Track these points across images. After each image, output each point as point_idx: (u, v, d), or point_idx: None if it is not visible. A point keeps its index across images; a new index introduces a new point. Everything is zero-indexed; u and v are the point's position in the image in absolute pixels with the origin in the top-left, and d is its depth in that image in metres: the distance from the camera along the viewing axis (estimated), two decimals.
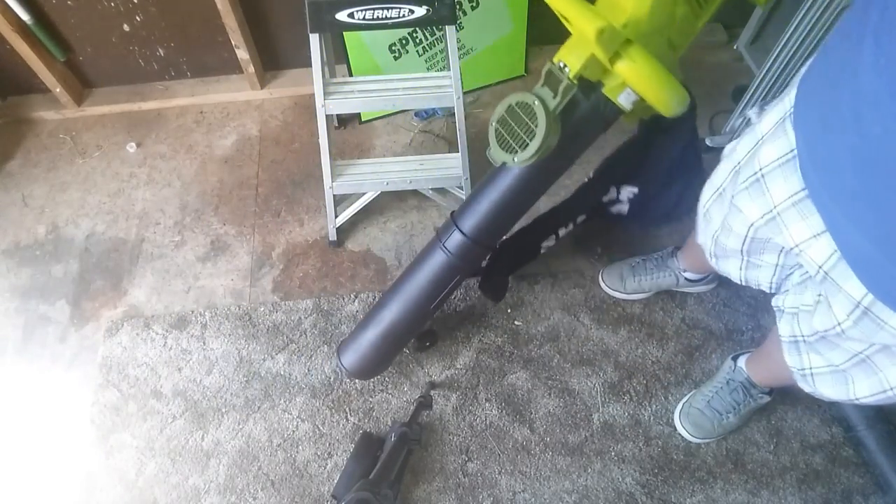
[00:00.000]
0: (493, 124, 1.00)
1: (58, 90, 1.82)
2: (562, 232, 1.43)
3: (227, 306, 1.54)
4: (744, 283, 1.06)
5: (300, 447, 1.35)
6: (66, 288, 1.60)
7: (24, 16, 1.59)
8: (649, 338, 1.48)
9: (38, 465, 1.35)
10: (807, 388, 0.98)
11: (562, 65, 0.92)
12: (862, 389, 0.86)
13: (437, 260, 1.20)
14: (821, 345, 0.89)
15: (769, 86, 1.53)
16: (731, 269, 1.05)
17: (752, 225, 0.89)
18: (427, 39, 1.75)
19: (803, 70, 0.83)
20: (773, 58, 1.49)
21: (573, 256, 1.61)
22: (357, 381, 1.41)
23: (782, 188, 0.80)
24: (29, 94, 1.91)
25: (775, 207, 0.82)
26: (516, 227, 1.38)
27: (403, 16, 1.26)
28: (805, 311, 0.91)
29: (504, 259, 1.41)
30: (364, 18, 1.26)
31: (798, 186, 0.77)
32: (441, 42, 1.76)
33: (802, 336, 0.93)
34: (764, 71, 1.52)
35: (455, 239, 1.17)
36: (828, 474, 1.32)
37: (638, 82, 0.88)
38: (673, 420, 1.37)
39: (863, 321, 0.75)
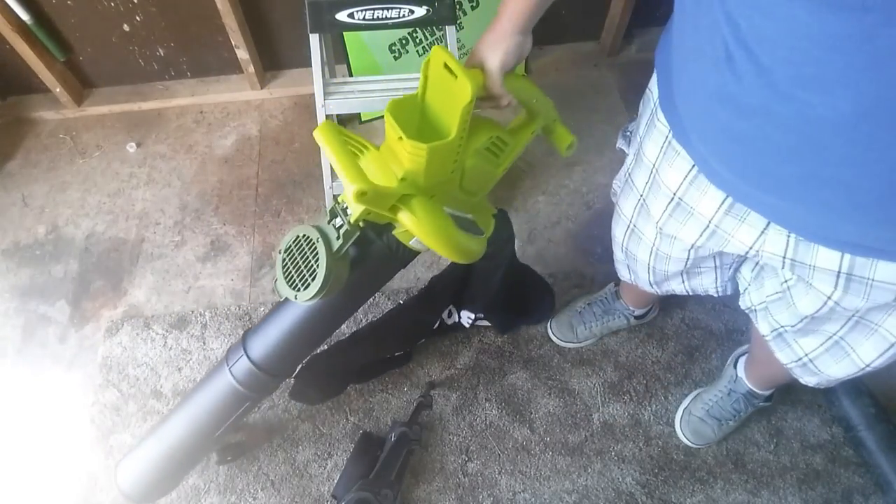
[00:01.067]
0: (281, 253, 0.92)
1: (58, 90, 1.82)
2: (398, 354, 1.38)
3: (227, 306, 1.54)
4: (690, 294, 1.05)
5: (300, 447, 1.35)
6: (66, 288, 1.60)
7: (24, 16, 1.59)
8: (649, 338, 1.48)
9: (38, 465, 1.35)
10: (812, 380, 0.95)
11: (344, 206, 0.85)
12: (867, 353, 0.82)
13: (223, 384, 1.06)
14: (812, 324, 0.86)
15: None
16: (675, 287, 1.05)
17: (692, 246, 0.87)
18: (427, 39, 1.75)
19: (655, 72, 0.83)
20: None
21: (573, 256, 1.61)
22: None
23: (706, 203, 0.78)
24: (29, 94, 1.91)
25: (710, 222, 0.80)
26: (345, 350, 1.30)
27: (403, 16, 1.26)
28: (774, 301, 0.90)
29: (333, 382, 1.34)
30: (364, 18, 1.26)
31: (721, 195, 0.76)
32: (441, 42, 1.76)
33: (783, 326, 0.91)
34: None
35: (242, 365, 1.03)
36: (828, 474, 1.32)
37: (420, 235, 0.84)
38: (673, 424, 1.37)
39: (851, 286, 0.72)
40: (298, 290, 0.87)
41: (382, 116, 0.83)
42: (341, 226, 0.85)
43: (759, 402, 1.31)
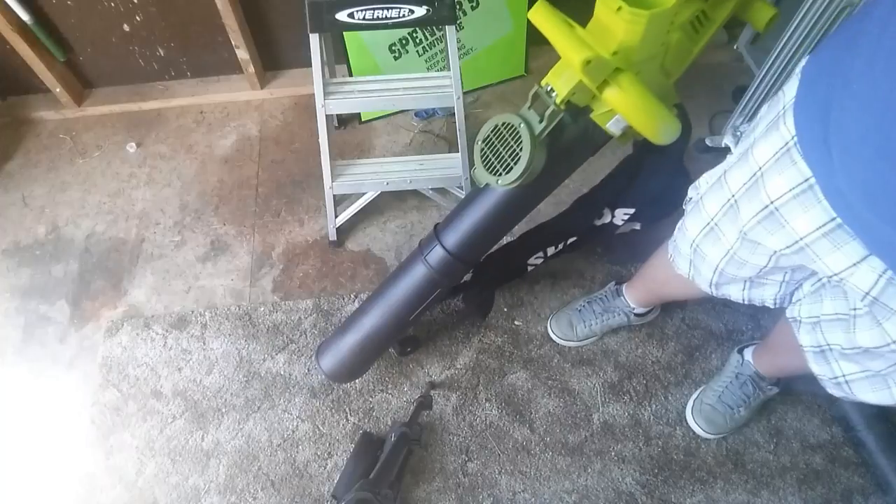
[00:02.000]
0: (479, 143, 0.97)
1: (58, 90, 1.82)
2: (550, 251, 1.40)
3: (227, 306, 1.54)
4: (745, 302, 1.04)
5: (300, 447, 1.35)
6: (66, 288, 1.60)
7: (24, 16, 1.59)
8: (649, 338, 1.48)
9: (38, 465, 1.35)
10: (840, 394, 0.95)
11: (549, 88, 0.88)
12: None
13: (419, 272, 1.18)
14: (861, 356, 0.85)
15: (769, 86, 1.53)
16: (733, 293, 1.03)
17: (775, 253, 0.86)
18: (427, 39, 1.75)
19: (794, 78, 0.79)
20: (772, 58, 1.49)
21: (573, 257, 1.61)
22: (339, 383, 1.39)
23: (804, 221, 0.76)
24: (29, 94, 1.91)
25: (801, 239, 0.78)
26: (503, 241, 1.35)
27: (403, 16, 1.26)
28: (828, 320, 0.88)
29: (489, 274, 1.39)
30: (364, 18, 1.26)
31: (825, 218, 0.73)
32: (441, 42, 1.76)
33: (830, 346, 0.90)
34: (764, 71, 1.52)
35: (437, 254, 1.15)
36: (828, 474, 1.32)
37: (627, 111, 0.85)
38: (685, 417, 1.37)
39: None
40: (500, 174, 0.92)
41: (383, 116, 0.82)
42: (546, 108, 0.88)
43: (767, 387, 1.31)
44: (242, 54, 1.79)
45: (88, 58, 1.82)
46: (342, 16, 1.26)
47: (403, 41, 1.73)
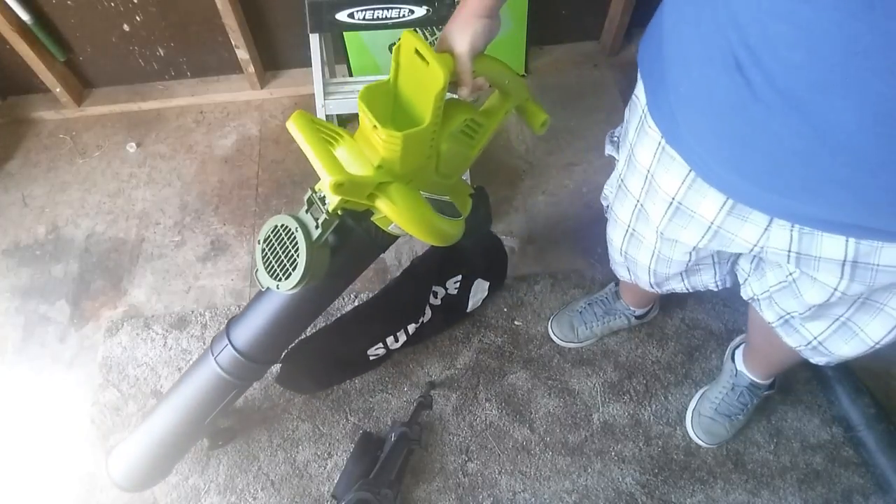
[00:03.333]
0: (260, 244, 0.92)
1: (58, 90, 1.82)
2: (390, 342, 1.35)
3: (228, 306, 1.54)
4: (690, 291, 1.06)
5: (300, 447, 1.35)
6: (66, 288, 1.60)
7: (24, 16, 1.59)
8: (649, 338, 1.48)
9: (38, 465, 1.35)
10: (822, 360, 0.96)
11: (322, 195, 0.85)
12: (875, 331, 0.84)
13: (210, 374, 1.07)
14: (819, 311, 0.87)
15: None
16: (675, 286, 1.05)
17: (694, 248, 0.87)
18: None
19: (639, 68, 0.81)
20: None
21: (573, 256, 1.61)
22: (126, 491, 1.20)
23: (706, 206, 0.78)
24: (29, 94, 1.91)
25: (712, 223, 0.80)
26: (329, 335, 1.32)
27: (403, 16, 1.26)
28: (778, 290, 0.90)
29: (322, 371, 1.35)
30: (364, 18, 1.26)
31: (722, 198, 0.76)
32: None
33: (790, 313, 0.92)
34: None
35: (228, 355, 1.05)
36: (828, 474, 1.32)
37: (399, 221, 0.84)
38: (684, 426, 1.37)
39: (857, 273, 0.73)
40: (280, 279, 0.87)
41: None
42: (319, 215, 0.86)
43: (763, 391, 1.31)
44: (242, 54, 1.79)
45: (88, 58, 1.82)
46: (342, 16, 1.26)
47: None
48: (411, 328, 1.35)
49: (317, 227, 0.86)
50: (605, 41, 1.95)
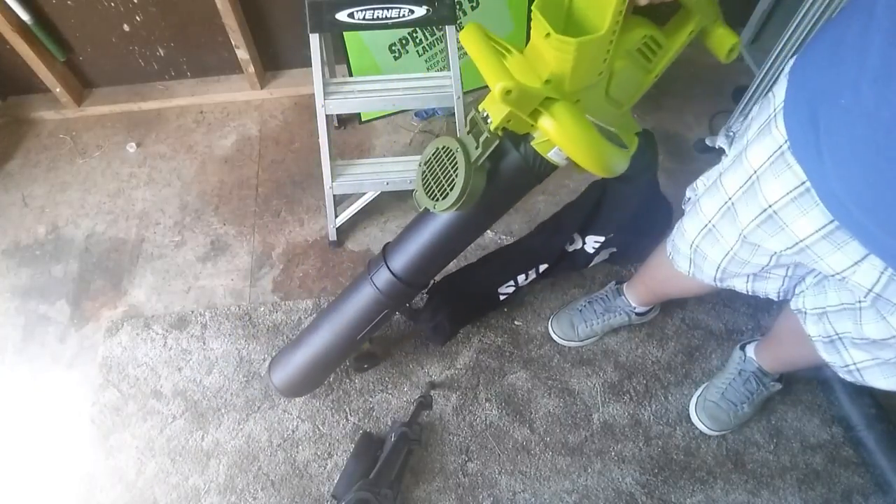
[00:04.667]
0: (421, 166, 0.93)
1: (58, 90, 1.82)
2: (521, 280, 1.37)
3: (227, 306, 1.54)
4: (750, 294, 1.04)
5: (300, 447, 1.35)
6: (66, 288, 1.60)
7: (24, 16, 1.59)
8: (649, 338, 1.48)
9: (38, 465, 1.35)
10: (851, 380, 0.95)
11: (485, 114, 0.84)
12: None
13: (365, 294, 1.14)
14: (870, 346, 0.86)
15: (769, 86, 1.53)
16: (737, 285, 1.03)
17: (776, 254, 0.86)
18: (427, 39, 1.75)
19: (783, 78, 0.78)
20: (772, 58, 1.49)
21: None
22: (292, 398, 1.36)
23: (804, 223, 0.76)
24: (29, 94, 1.91)
25: (801, 241, 0.78)
26: (474, 270, 1.34)
27: (403, 16, 1.26)
28: (834, 311, 0.89)
29: (448, 299, 1.36)
30: (364, 18, 1.26)
31: (824, 220, 0.73)
32: (441, 42, 1.76)
33: (839, 335, 0.91)
34: (763, 71, 1.52)
35: (383, 276, 1.11)
36: (828, 474, 1.32)
37: (561, 142, 0.80)
38: (688, 415, 1.37)
39: None
40: (437, 199, 0.88)
41: (383, 116, 0.81)
42: (481, 134, 0.85)
43: (770, 382, 1.31)
44: (242, 54, 1.79)
45: (88, 58, 1.82)
46: (342, 16, 1.26)
47: (403, 41, 1.73)
48: (542, 267, 1.37)
49: (477, 147, 0.86)
50: None
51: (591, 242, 1.35)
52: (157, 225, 1.70)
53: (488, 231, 1.50)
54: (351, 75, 1.74)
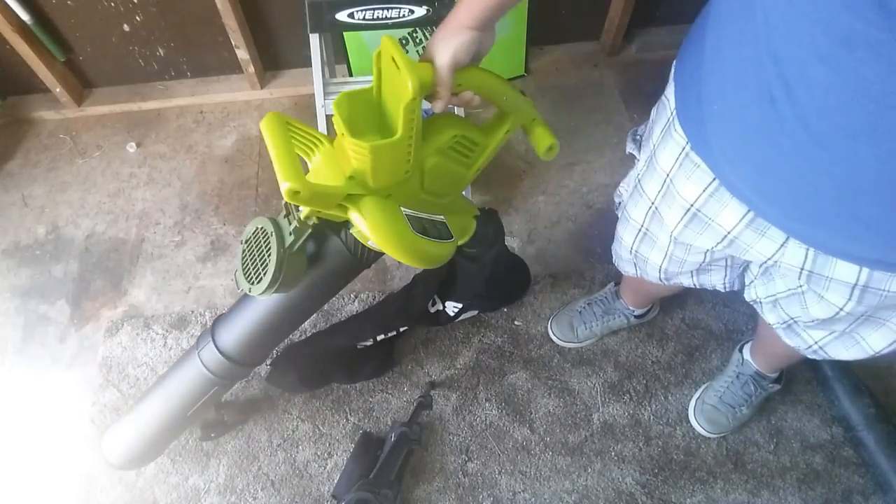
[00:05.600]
0: (242, 244, 0.89)
1: (58, 90, 1.82)
2: (380, 338, 1.34)
3: (227, 306, 1.54)
4: (697, 287, 1.06)
5: (300, 447, 1.35)
6: (66, 288, 1.60)
7: (24, 16, 1.59)
8: (649, 338, 1.48)
9: (38, 465, 1.35)
10: (818, 358, 0.97)
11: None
12: (876, 342, 0.85)
13: (193, 370, 1.07)
14: (822, 324, 0.88)
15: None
16: (683, 281, 1.05)
17: (708, 250, 0.87)
18: (427, 39, 1.75)
19: (672, 72, 0.80)
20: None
21: (573, 256, 1.61)
22: (123, 469, 1.25)
23: (726, 216, 0.78)
24: (29, 94, 1.90)
25: (729, 233, 0.80)
26: (322, 338, 1.32)
27: (403, 16, 1.26)
28: (784, 297, 0.91)
29: (309, 371, 1.34)
30: (364, 18, 1.26)
31: (742, 210, 0.75)
32: None
33: (793, 319, 0.92)
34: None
35: (211, 354, 1.05)
36: (828, 474, 1.32)
37: (372, 237, 0.78)
38: (687, 417, 1.37)
39: (865, 297, 0.74)
40: (253, 282, 0.85)
41: None
42: (293, 222, 0.83)
43: (769, 384, 1.32)
44: (242, 54, 1.79)
45: (88, 58, 1.82)
46: (342, 16, 1.26)
47: (403, 41, 1.73)
48: (402, 329, 1.36)
49: (290, 233, 0.84)
50: (605, 41, 1.95)
51: (451, 307, 1.36)
52: (157, 225, 1.70)
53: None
54: (351, 75, 1.74)
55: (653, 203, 0.90)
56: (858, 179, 0.55)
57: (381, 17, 1.26)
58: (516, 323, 1.50)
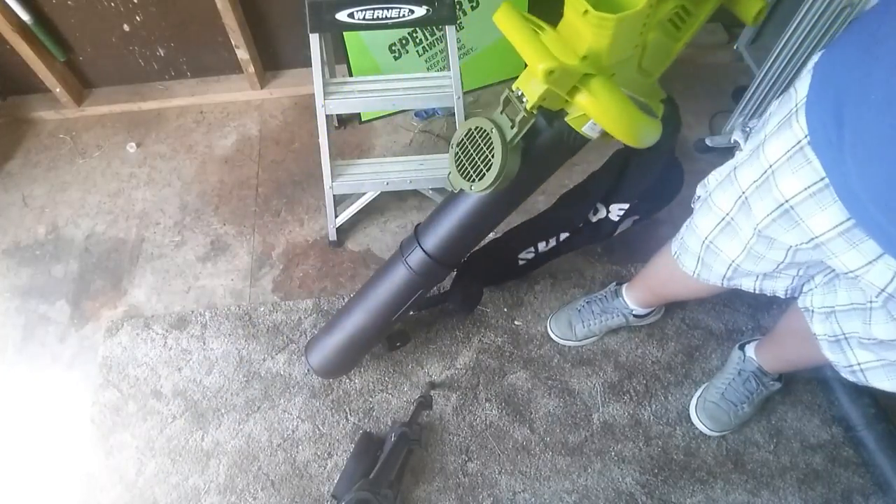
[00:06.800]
0: (454, 147, 0.94)
1: (58, 90, 1.82)
2: (541, 246, 1.38)
3: (227, 306, 1.54)
4: (757, 292, 1.03)
5: (300, 447, 1.35)
6: (66, 288, 1.60)
7: (24, 16, 1.59)
8: (649, 338, 1.48)
9: (38, 465, 1.35)
10: (853, 380, 0.95)
11: (519, 93, 0.85)
12: None
13: (399, 275, 1.17)
14: (877, 346, 0.86)
15: (769, 86, 1.53)
16: (745, 284, 1.02)
17: (791, 248, 0.85)
18: (427, 39, 1.75)
19: (805, 73, 0.77)
20: (772, 58, 1.49)
21: (573, 256, 1.61)
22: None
23: (820, 220, 0.76)
24: (29, 94, 1.91)
25: (817, 237, 0.78)
26: (497, 242, 1.36)
27: (403, 16, 1.26)
28: (843, 310, 0.89)
29: (477, 269, 1.38)
30: (364, 18, 1.26)
31: (841, 217, 0.73)
32: (441, 42, 1.76)
33: (846, 335, 0.91)
34: (764, 71, 1.52)
35: (416, 256, 1.14)
36: (828, 474, 1.32)
37: (599, 117, 0.82)
38: (689, 415, 1.37)
39: None
40: (473, 181, 0.89)
41: (383, 116, 0.80)
42: (516, 114, 0.85)
43: (770, 382, 1.31)
44: (242, 54, 1.79)
45: (88, 58, 1.82)
46: (342, 16, 1.26)
47: (403, 41, 1.73)
48: (563, 236, 1.37)
49: (512, 126, 0.87)
50: None
51: (616, 210, 1.34)
52: (157, 225, 1.70)
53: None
54: (351, 75, 1.74)
55: (744, 192, 0.87)
56: None
57: (381, 17, 1.26)
58: (516, 323, 1.50)
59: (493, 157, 0.87)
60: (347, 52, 1.68)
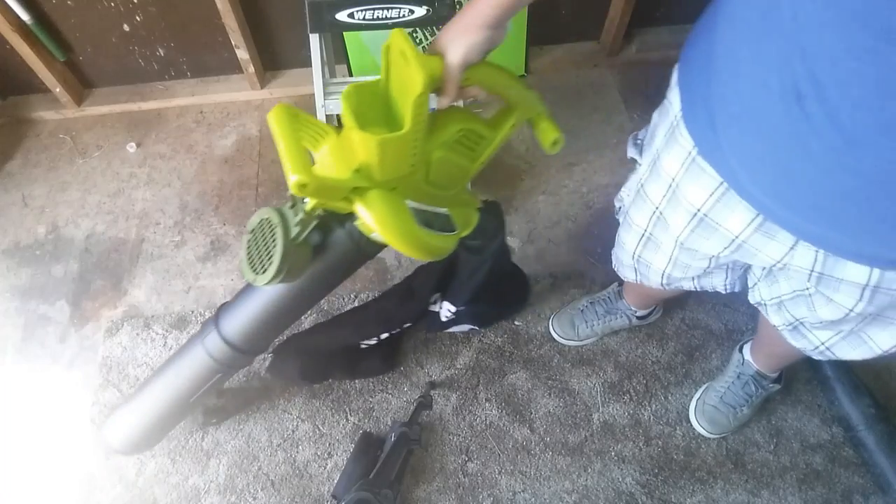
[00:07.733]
0: (247, 234, 0.90)
1: (58, 90, 1.82)
2: (383, 336, 1.34)
3: None
4: (698, 290, 1.05)
5: (300, 447, 1.35)
6: (66, 288, 1.60)
7: (24, 16, 1.59)
8: (649, 338, 1.48)
9: (38, 465, 1.35)
10: (824, 359, 0.97)
11: None
12: (884, 342, 0.84)
13: (197, 357, 1.09)
14: (829, 325, 0.87)
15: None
16: (684, 285, 1.04)
17: (713, 256, 0.87)
18: (427, 39, 1.75)
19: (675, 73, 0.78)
20: None
21: (573, 256, 1.61)
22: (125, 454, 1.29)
23: (734, 220, 0.77)
24: (29, 94, 1.91)
25: (737, 237, 0.79)
26: (325, 330, 1.31)
27: (403, 16, 1.26)
28: (789, 299, 0.90)
29: (311, 363, 1.33)
30: (364, 18, 1.26)
31: (751, 214, 0.74)
32: None
33: (799, 320, 0.92)
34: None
35: (215, 342, 1.06)
36: (828, 474, 1.32)
37: (377, 228, 0.79)
38: (688, 418, 1.37)
39: (876, 297, 0.73)
40: (258, 272, 0.86)
41: None
42: (299, 213, 0.84)
43: (769, 384, 1.32)
44: (242, 54, 1.79)
45: (88, 58, 1.82)
46: (342, 16, 1.26)
47: None
48: (406, 326, 1.35)
49: (296, 224, 0.85)
50: (605, 41, 1.95)
51: (446, 310, 1.33)
52: (157, 225, 1.70)
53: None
54: (351, 75, 1.74)
55: (657, 208, 0.89)
56: (890, 176, 0.53)
57: (381, 17, 1.26)
58: (516, 323, 1.50)
59: (275, 251, 0.83)
60: (347, 52, 1.69)
